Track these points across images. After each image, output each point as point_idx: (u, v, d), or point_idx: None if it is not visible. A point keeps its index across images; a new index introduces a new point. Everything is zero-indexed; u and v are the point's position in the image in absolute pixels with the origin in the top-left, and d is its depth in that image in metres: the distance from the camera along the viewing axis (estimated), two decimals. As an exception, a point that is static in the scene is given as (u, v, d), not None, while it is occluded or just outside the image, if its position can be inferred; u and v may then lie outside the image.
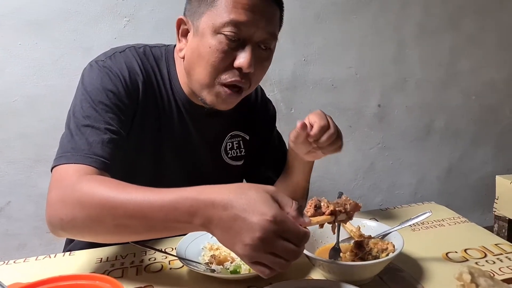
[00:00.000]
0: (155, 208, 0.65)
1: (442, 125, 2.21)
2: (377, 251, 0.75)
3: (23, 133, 1.58)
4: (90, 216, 0.70)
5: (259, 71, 0.93)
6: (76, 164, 0.78)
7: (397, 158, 2.16)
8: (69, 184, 0.74)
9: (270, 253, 0.59)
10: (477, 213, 2.30)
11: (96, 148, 0.81)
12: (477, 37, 2.17)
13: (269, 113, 1.21)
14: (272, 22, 0.90)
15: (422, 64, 2.10)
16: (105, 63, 0.92)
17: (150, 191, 0.67)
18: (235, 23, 0.84)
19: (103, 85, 0.88)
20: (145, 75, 0.95)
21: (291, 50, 1.87)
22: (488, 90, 2.25)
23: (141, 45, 1.01)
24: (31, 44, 1.55)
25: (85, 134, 0.82)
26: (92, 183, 0.72)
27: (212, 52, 0.87)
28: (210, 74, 0.89)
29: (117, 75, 0.90)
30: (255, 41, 0.88)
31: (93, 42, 1.59)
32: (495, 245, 0.88)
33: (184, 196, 0.64)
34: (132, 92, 0.92)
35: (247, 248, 0.59)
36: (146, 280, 0.78)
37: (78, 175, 0.76)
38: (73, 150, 0.80)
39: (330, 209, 0.71)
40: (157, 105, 0.98)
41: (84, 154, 0.79)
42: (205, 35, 0.87)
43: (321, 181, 2.01)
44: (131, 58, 0.95)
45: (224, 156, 1.10)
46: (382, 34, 2.01)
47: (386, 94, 2.07)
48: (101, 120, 0.85)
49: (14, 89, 1.55)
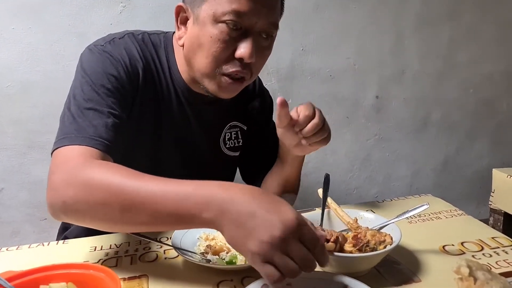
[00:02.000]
0: (168, 196, 0.63)
1: (439, 117, 2.20)
2: (375, 243, 0.74)
3: (16, 119, 1.55)
4: (96, 200, 0.67)
5: (260, 60, 0.92)
6: (81, 146, 0.76)
7: (393, 150, 2.16)
8: (74, 166, 0.71)
9: (285, 255, 0.56)
10: (471, 206, 2.31)
11: (101, 131, 0.79)
12: (476, 30, 2.16)
13: (266, 104, 1.20)
14: (274, 11, 0.89)
15: (420, 56, 2.09)
16: (105, 47, 0.91)
17: (164, 181, 0.65)
18: (237, 13, 0.83)
19: (104, 68, 0.87)
20: (145, 62, 0.94)
21: (289, 39, 1.85)
22: (485, 84, 2.24)
23: (139, 31, 0.99)
24: (24, 29, 1.51)
25: (88, 117, 0.80)
26: (102, 168, 0.70)
27: (213, 41, 0.85)
28: (211, 64, 0.88)
29: (118, 60, 0.89)
30: (256, 31, 0.87)
31: (88, 28, 1.56)
32: (492, 238, 0.88)
33: (200, 188, 0.62)
34: (132, 78, 0.91)
35: (264, 245, 0.55)
36: (141, 270, 0.78)
37: (85, 157, 0.74)
38: (77, 132, 0.78)
39: (336, 236, 0.71)
40: (156, 92, 0.97)
41: (90, 136, 0.77)
42: (205, 24, 0.86)
43: (317, 172, 2.01)
44: (130, 44, 0.94)
45: (222, 147, 1.09)
46: (381, 24, 1.99)
47: (383, 85, 2.06)
48: (103, 104, 0.83)
49: (7, 74, 1.52)
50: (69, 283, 0.64)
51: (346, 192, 2.11)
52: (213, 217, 0.60)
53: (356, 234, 0.76)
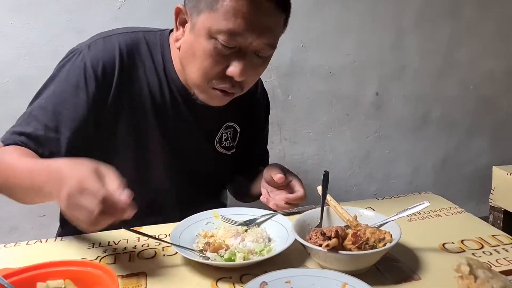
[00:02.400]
0: (26, 173, 0.78)
1: (439, 115, 2.20)
2: (374, 241, 0.74)
3: (14, 115, 1.53)
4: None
5: (252, 77, 0.92)
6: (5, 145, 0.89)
7: (393, 148, 2.16)
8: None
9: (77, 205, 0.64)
10: (471, 204, 2.31)
11: (28, 139, 0.89)
12: (477, 27, 2.15)
13: (265, 108, 1.21)
14: (272, 32, 0.86)
15: (420, 53, 2.08)
16: (82, 53, 0.93)
17: (30, 161, 0.81)
18: (232, 33, 0.81)
19: (69, 79, 0.91)
20: (127, 62, 0.93)
21: (289, 35, 1.81)
22: (486, 81, 2.23)
23: (134, 29, 0.98)
24: (23, 24, 1.51)
25: (28, 124, 0.90)
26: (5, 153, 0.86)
27: (206, 56, 0.85)
28: (201, 77, 0.88)
29: (87, 68, 0.91)
30: (251, 50, 0.85)
31: (87, 24, 1.55)
32: (492, 236, 0.87)
33: (44, 168, 0.74)
34: (100, 84, 0.92)
35: (64, 203, 0.65)
36: (139, 267, 0.77)
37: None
38: (12, 133, 0.90)
39: (334, 230, 0.72)
40: (141, 91, 0.96)
41: (18, 141, 0.89)
42: (200, 36, 0.85)
43: (316, 169, 2.01)
44: (114, 44, 0.93)
45: (217, 146, 1.08)
46: (381, 21, 1.98)
47: (383, 82, 2.06)
48: (47, 115, 0.90)
49: (5, 70, 1.51)
50: (66, 280, 0.63)
51: (345, 190, 2.11)
52: (49, 192, 0.71)
53: (356, 231, 0.75)
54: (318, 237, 0.73)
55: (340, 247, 0.72)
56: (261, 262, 0.74)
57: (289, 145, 1.97)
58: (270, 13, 0.83)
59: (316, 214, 0.85)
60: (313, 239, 0.73)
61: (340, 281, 0.65)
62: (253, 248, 0.80)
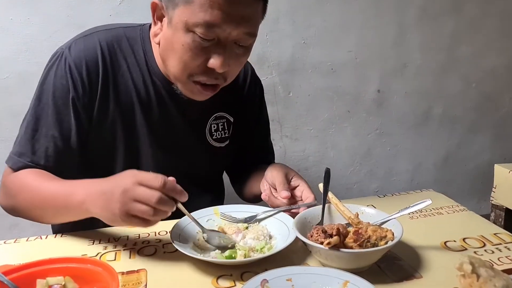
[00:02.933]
0: (52, 197, 0.85)
1: (441, 111, 2.19)
2: (376, 239, 0.73)
3: (14, 111, 1.54)
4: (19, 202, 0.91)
5: (235, 67, 0.90)
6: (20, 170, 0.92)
7: (394, 145, 2.15)
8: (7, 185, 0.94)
9: (134, 201, 0.71)
10: (472, 201, 2.30)
11: (39, 158, 0.91)
12: (479, 23, 2.14)
13: (257, 95, 1.17)
14: (251, 21, 0.84)
15: (422, 49, 2.07)
16: (63, 54, 0.93)
17: (54, 184, 0.87)
18: (209, 24, 0.80)
19: (56, 84, 0.91)
20: (109, 59, 0.94)
21: (290, 32, 1.83)
22: (488, 77, 2.22)
23: (113, 26, 0.98)
24: (23, 19, 1.50)
25: (31, 140, 0.91)
26: (16, 176, 0.91)
27: (185, 50, 0.83)
28: (182, 71, 0.87)
29: (72, 71, 0.91)
30: (230, 40, 0.84)
31: (87, 19, 1.54)
32: (494, 234, 0.87)
33: (74, 191, 0.81)
34: (86, 83, 0.92)
35: (119, 205, 0.71)
36: (140, 264, 0.77)
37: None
38: (18, 154, 0.92)
39: (336, 228, 0.72)
40: (127, 87, 0.96)
41: (27, 162, 0.91)
42: (178, 29, 0.83)
43: (317, 166, 2.00)
44: (95, 42, 0.93)
45: (208, 138, 1.07)
46: (383, 17, 1.97)
47: (385, 79, 2.05)
48: (49, 125, 0.91)
49: (5, 65, 1.51)
50: (66, 277, 0.63)
51: (346, 187, 2.11)
52: (86, 209, 0.78)
53: (357, 229, 0.75)
54: (319, 234, 0.72)
55: (342, 245, 0.71)
56: (262, 259, 0.74)
57: (290, 142, 1.96)
58: (247, 2, 0.82)
59: (317, 212, 0.85)
60: (314, 237, 0.73)
61: (342, 279, 0.65)
62: (254, 245, 0.80)
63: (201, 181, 1.08)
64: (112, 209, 0.72)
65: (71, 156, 0.94)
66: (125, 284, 0.71)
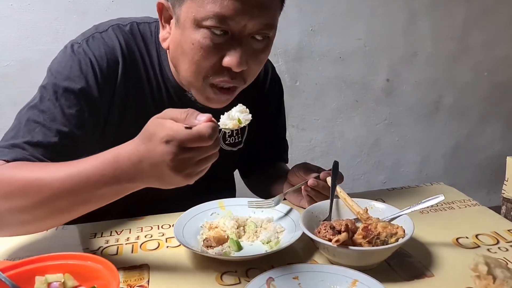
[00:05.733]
0: (82, 180, 0.66)
1: (451, 101, 2.15)
2: (386, 236, 0.71)
3: (15, 99, 1.52)
4: (13, 204, 0.68)
5: (254, 66, 0.81)
6: (13, 161, 0.74)
7: (403, 135, 2.12)
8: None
9: (193, 162, 0.62)
10: (482, 193, 2.27)
11: (38, 150, 0.76)
12: (492, 11, 2.08)
13: (276, 95, 1.12)
14: (268, 10, 0.75)
15: (433, 37, 2.03)
16: (81, 47, 0.83)
17: (71, 166, 0.68)
18: (221, 17, 0.71)
19: (71, 76, 0.81)
20: (128, 59, 0.86)
21: (297, 19, 1.79)
22: (500, 67, 2.17)
23: (127, 21, 0.89)
24: (23, 6, 1.47)
25: (32, 132, 0.77)
26: (11, 169, 0.70)
27: (196, 49, 0.75)
28: (196, 74, 0.79)
29: (89, 64, 0.82)
30: (246, 34, 0.75)
31: (89, 6, 1.51)
32: (507, 231, 0.84)
33: (105, 162, 0.65)
34: (106, 83, 0.83)
35: (176, 171, 0.61)
36: (142, 259, 0.75)
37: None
38: (12, 147, 0.76)
39: (344, 224, 0.70)
40: (143, 90, 0.89)
41: (23, 154, 0.75)
42: (186, 28, 0.75)
43: (324, 157, 1.98)
44: (113, 40, 0.85)
45: (221, 144, 1.02)
46: (392, 4, 1.92)
47: (394, 68, 2.01)
48: (56, 119, 0.79)
49: (5, 53, 1.49)
50: (66, 275, 0.61)
51: (353, 178, 2.08)
52: (128, 178, 0.64)
53: (367, 225, 0.72)
54: (327, 231, 0.70)
55: (350, 242, 0.69)
56: (267, 255, 0.72)
57: (296, 132, 1.94)
58: None
59: (325, 206, 0.82)
60: (322, 233, 0.70)
61: (350, 278, 0.63)
62: (263, 238, 0.78)
63: (213, 184, 1.05)
64: (168, 177, 0.63)
65: (74, 150, 0.84)
66: (127, 280, 0.69)
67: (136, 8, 0.99)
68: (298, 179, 0.92)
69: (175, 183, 0.64)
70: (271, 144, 1.16)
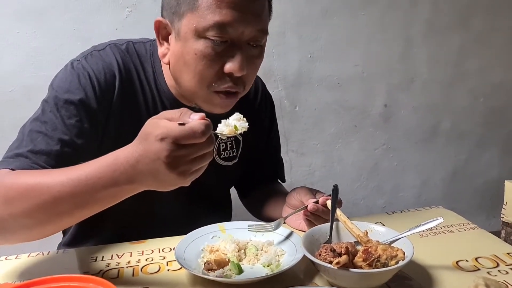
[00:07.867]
0: (81, 183, 0.67)
1: (449, 126, 2.17)
2: (386, 258, 0.71)
3: (19, 124, 1.53)
4: (15, 209, 0.70)
5: (251, 71, 0.86)
6: (16, 170, 0.77)
7: (401, 160, 2.13)
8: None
9: (187, 159, 0.63)
10: (481, 218, 2.27)
11: (40, 158, 0.79)
12: (487, 37, 2.13)
13: (268, 110, 1.15)
14: (261, 17, 0.82)
15: (429, 63, 2.07)
16: (80, 63, 0.88)
17: (71, 170, 0.70)
18: (221, 25, 0.77)
19: (70, 89, 0.85)
20: (125, 75, 0.90)
21: (297, 46, 1.83)
22: (496, 92, 2.21)
23: (124, 41, 0.94)
24: (29, 33, 1.51)
25: (34, 141, 0.81)
26: (13, 175, 0.73)
27: (198, 59, 0.80)
28: (199, 83, 0.83)
29: (87, 78, 0.86)
30: (244, 40, 0.81)
31: (93, 33, 1.55)
32: (507, 254, 0.84)
33: (103, 164, 0.67)
34: (104, 95, 0.87)
35: (171, 168, 0.62)
36: (143, 282, 0.75)
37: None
38: (16, 156, 0.79)
39: (345, 247, 0.70)
40: (138, 105, 0.92)
41: (26, 162, 0.78)
42: (188, 39, 0.80)
43: (324, 181, 1.98)
44: (111, 56, 0.89)
45: (216, 157, 1.04)
46: (390, 31, 1.97)
47: (392, 93, 2.04)
48: (57, 129, 0.82)
49: (10, 78, 1.51)
50: (67, 297, 0.61)
51: (353, 202, 2.08)
52: (127, 180, 0.66)
53: (367, 248, 0.73)
54: (327, 253, 0.70)
55: (351, 264, 0.69)
56: (268, 278, 0.72)
57: (296, 156, 1.95)
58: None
59: (325, 229, 0.83)
60: (322, 256, 0.71)
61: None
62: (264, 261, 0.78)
63: (209, 200, 1.06)
64: (162, 175, 0.63)
65: (75, 158, 0.85)
66: (127, 304, 0.69)
67: (138, 36, 1.02)
68: (297, 203, 0.93)
69: (170, 181, 0.65)
70: (267, 161, 1.17)
